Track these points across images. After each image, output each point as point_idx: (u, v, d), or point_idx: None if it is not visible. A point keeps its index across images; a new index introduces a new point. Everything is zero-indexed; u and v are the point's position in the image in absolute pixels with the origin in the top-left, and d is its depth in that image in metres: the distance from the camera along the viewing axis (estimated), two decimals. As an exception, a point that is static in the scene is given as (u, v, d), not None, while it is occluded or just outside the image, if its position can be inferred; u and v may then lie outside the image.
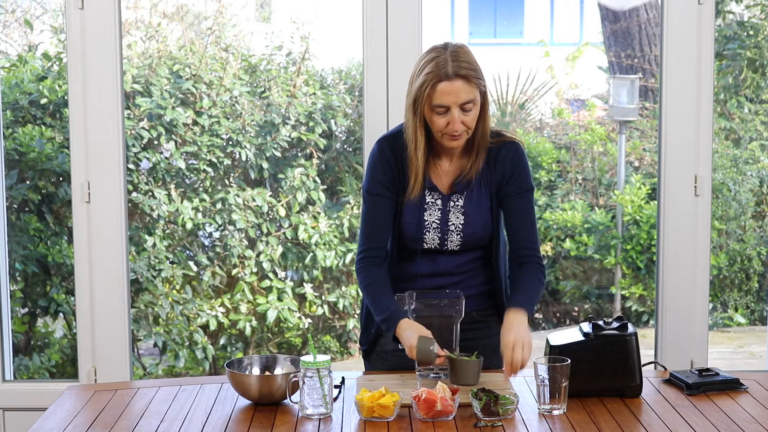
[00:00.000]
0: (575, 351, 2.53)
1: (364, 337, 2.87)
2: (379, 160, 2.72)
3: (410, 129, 2.64)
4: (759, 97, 6.10)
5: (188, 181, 5.16)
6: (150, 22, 5.34)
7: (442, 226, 2.70)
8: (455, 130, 2.58)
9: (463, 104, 2.57)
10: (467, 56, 2.58)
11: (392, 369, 2.80)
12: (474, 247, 2.75)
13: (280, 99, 5.21)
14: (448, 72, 2.54)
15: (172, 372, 5.11)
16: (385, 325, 2.65)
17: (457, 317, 2.62)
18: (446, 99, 2.55)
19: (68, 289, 4.79)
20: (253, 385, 2.50)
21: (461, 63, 2.56)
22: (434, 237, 2.71)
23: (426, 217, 2.71)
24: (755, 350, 5.85)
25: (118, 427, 2.41)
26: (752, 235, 6.03)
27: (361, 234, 2.75)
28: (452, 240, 2.72)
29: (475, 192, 2.71)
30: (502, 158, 2.71)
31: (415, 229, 2.70)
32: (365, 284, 2.71)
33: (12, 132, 4.74)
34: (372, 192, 2.72)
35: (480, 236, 2.73)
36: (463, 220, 2.70)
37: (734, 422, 2.40)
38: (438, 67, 2.55)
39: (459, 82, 2.55)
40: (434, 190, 2.71)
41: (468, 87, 2.56)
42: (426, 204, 2.71)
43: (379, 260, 2.73)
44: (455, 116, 2.57)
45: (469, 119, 2.59)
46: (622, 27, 6.89)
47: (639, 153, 6.51)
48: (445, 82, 2.54)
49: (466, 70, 2.56)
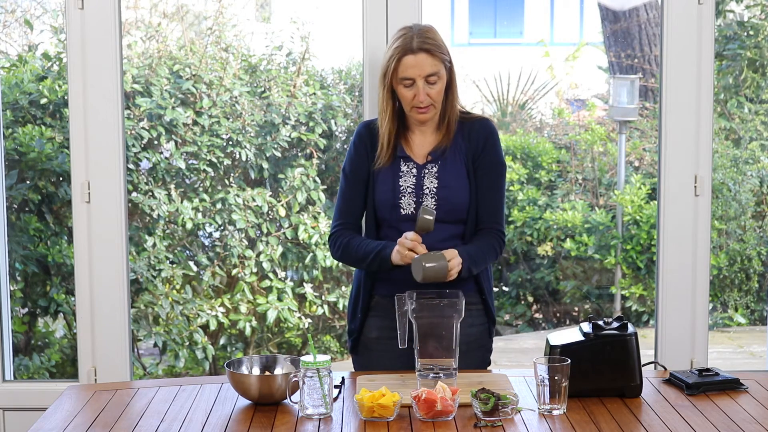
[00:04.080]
0: (575, 351, 2.54)
1: (352, 324, 2.92)
2: (356, 142, 2.91)
3: (380, 100, 2.83)
4: (759, 97, 6.10)
5: (188, 181, 5.17)
6: (150, 22, 5.34)
7: (417, 190, 2.82)
8: (420, 101, 2.76)
9: (428, 76, 2.75)
10: (432, 34, 2.79)
11: (378, 360, 2.86)
12: (452, 218, 2.81)
13: (280, 99, 5.22)
14: (413, 46, 2.75)
15: (172, 372, 5.11)
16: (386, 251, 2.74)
17: (457, 317, 2.62)
18: (411, 71, 2.75)
19: (68, 289, 4.80)
20: (253, 385, 2.50)
21: (426, 38, 2.76)
22: (410, 202, 2.82)
23: (401, 183, 2.83)
24: (755, 350, 5.85)
25: (118, 427, 2.41)
26: (752, 235, 6.03)
27: (336, 210, 2.92)
28: (427, 204, 2.81)
29: (449, 160, 2.84)
30: (476, 131, 2.86)
31: (390, 196, 2.82)
32: (344, 242, 2.84)
33: (12, 132, 4.74)
34: (346, 171, 2.90)
35: (455, 202, 2.82)
36: (437, 184, 2.82)
37: (734, 422, 2.40)
38: (404, 42, 2.76)
39: (422, 55, 2.74)
40: (409, 160, 2.85)
41: (432, 60, 2.75)
42: (401, 172, 2.84)
43: (352, 232, 2.88)
44: (420, 87, 2.75)
45: (434, 92, 2.77)
46: (622, 27, 6.89)
47: (639, 153, 6.51)
48: (410, 55, 2.75)
49: (430, 44, 2.76)
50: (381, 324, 2.86)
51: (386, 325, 2.83)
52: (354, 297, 2.93)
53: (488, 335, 2.92)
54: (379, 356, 2.88)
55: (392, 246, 2.73)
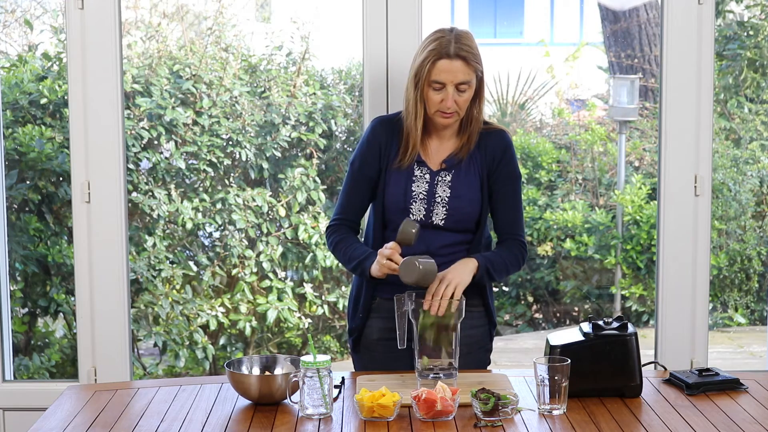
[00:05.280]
0: (575, 351, 2.54)
1: (352, 323, 2.92)
2: (370, 139, 2.85)
3: (411, 101, 2.76)
4: (759, 97, 6.10)
5: (188, 181, 5.17)
6: (150, 22, 5.34)
7: (429, 198, 2.79)
8: (447, 107, 2.71)
9: (459, 84, 2.70)
10: (469, 41, 2.72)
11: (379, 360, 2.86)
12: (460, 227, 2.80)
13: (280, 99, 5.22)
14: (450, 51, 2.68)
15: (172, 372, 5.11)
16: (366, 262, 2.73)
17: (458, 317, 2.62)
18: (444, 76, 2.69)
19: (68, 289, 4.80)
20: (253, 385, 2.50)
21: (463, 45, 2.70)
22: (420, 208, 2.79)
23: (414, 188, 2.80)
24: (755, 350, 5.85)
25: (118, 427, 2.41)
26: (752, 235, 6.03)
27: (338, 204, 2.90)
28: (438, 212, 2.79)
29: (464, 170, 2.81)
30: (492, 143, 2.82)
31: (402, 200, 2.79)
32: (337, 240, 2.84)
33: (12, 132, 4.74)
34: (355, 166, 2.87)
35: (466, 212, 2.79)
36: (449, 193, 2.79)
37: (734, 422, 2.40)
38: (441, 45, 2.69)
39: (458, 62, 2.69)
40: (423, 165, 2.81)
41: (466, 68, 2.70)
42: (414, 176, 2.81)
43: (350, 229, 2.86)
44: (449, 93, 2.70)
45: (461, 100, 2.72)
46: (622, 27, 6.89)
47: (639, 153, 6.51)
48: (445, 59, 2.69)
49: (467, 53, 2.70)
50: (382, 325, 2.86)
51: (387, 327, 2.83)
52: (355, 297, 2.92)
53: (489, 337, 2.92)
54: (379, 356, 2.87)
55: (374, 258, 2.72)
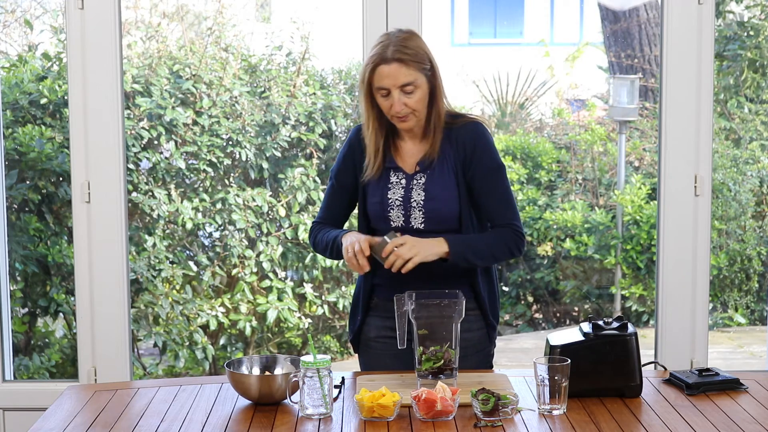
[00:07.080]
0: (575, 351, 2.53)
1: (351, 324, 2.93)
2: (345, 151, 2.87)
3: (362, 109, 2.77)
4: (759, 97, 6.10)
5: (188, 181, 5.17)
6: (150, 22, 5.35)
7: (405, 203, 2.78)
8: (397, 112, 2.69)
9: (403, 86, 2.67)
10: (409, 42, 2.70)
11: (379, 358, 2.86)
12: (442, 228, 2.77)
13: (280, 99, 5.22)
14: (386, 56, 2.67)
15: (172, 372, 5.11)
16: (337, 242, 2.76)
17: (457, 317, 2.62)
18: (386, 81, 2.68)
19: (68, 289, 4.80)
20: (253, 385, 2.50)
21: (401, 48, 2.68)
22: (398, 215, 2.79)
23: (390, 196, 2.79)
24: (755, 350, 5.85)
25: (118, 427, 2.41)
26: (752, 235, 6.03)
27: (320, 210, 2.93)
28: (416, 217, 2.78)
29: (437, 170, 2.78)
30: (462, 137, 2.78)
31: (380, 208, 2.79)
32: (317, 232, 2.87)
33: (12, 132, 4.74)
34: (332, 176, 2.89)
35: (443, 214, 2.77)
36: (424, 197, 2.77)
37: (734, 422, 2.40)
38: (379, 51, 2.69)
39: (395, 65, 2.66)
40: (399, 170, 2.80)
41: (406, 70, 2.67)
42: (390, 183, 2.80)
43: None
44: (395, 98, 2.68)
45: (412, 101, 2.69)
46: (622, 27, 6.89)
47: (639, 153, 6.51)
48: (383, 65, 2.67)
49: (403, 54, 2.67)
50: (380, 324, 2.86)
51: (386, 325, 2.83)
52: (355, 296, 2.93)
53: (488, 340, 2.89)
54: (379, 355, 2.87)
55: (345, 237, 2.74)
